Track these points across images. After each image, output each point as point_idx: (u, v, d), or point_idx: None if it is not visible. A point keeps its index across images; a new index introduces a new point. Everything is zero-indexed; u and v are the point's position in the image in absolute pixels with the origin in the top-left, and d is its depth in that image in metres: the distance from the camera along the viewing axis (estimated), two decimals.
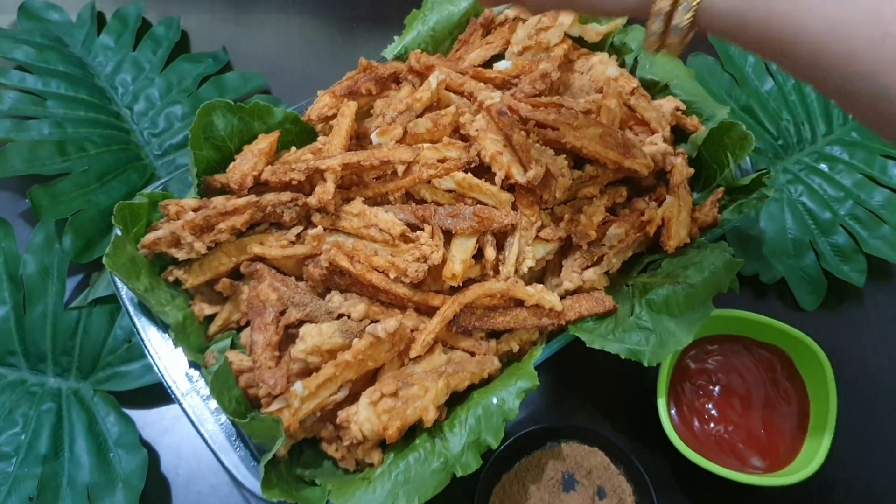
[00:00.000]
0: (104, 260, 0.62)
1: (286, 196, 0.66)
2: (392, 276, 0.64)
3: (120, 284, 0.66)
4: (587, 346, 0.63)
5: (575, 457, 0.69)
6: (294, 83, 0.93)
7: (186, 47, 0.96)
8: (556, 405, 0.75)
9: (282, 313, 0.64)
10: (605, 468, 0.68)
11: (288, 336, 0.64)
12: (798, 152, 0.89)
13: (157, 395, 0.73)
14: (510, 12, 0.80)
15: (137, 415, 0.72)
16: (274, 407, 0.60)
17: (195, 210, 0.66)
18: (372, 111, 0.74)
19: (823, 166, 0.87)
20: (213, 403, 0.62)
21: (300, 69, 0.96)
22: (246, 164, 0.68)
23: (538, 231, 0.68)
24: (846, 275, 0.80)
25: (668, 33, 0.47)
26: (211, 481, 0.71)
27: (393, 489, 0.58)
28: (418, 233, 0.66)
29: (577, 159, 0.70)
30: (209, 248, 0.66)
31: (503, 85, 0.75)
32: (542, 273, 0.71)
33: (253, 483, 0.59)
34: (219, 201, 0.66)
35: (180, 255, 0.66)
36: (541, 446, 0.70)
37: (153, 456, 0.72)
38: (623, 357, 0.61)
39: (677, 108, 0.75)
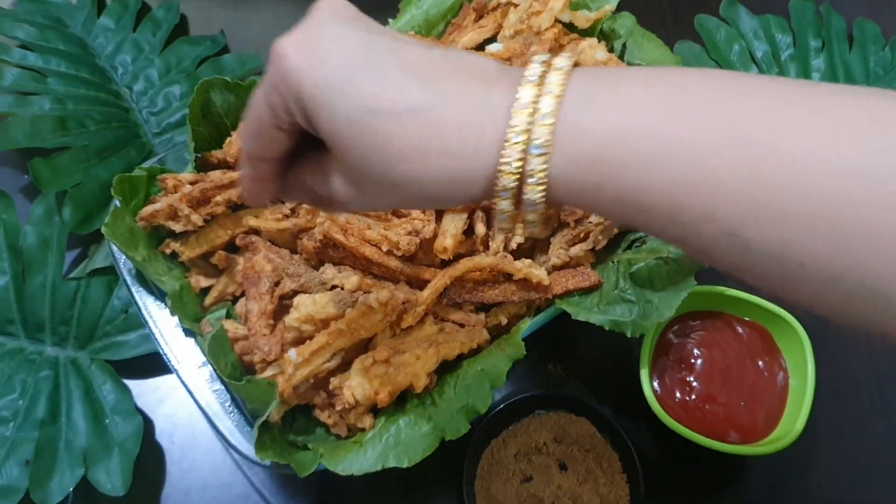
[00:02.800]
0: (103, 229, 0.63)
1: None
2: (384, 248, 0.65)
3: (118, 254, 0.67)
4: (573, 318, 0.64)
5: (562, 425, 0.71)
6: None
7: (185, 30, 0.98)
8: (543, 379, 0.77)
9: (276, 284, 0.66)
10: (591, 436, 0.70)
11: (282, 307, 0.66)
12: None
13: (154, 365, 0.74)
14: None
15: (134, 384, 0.74)
16: (268, 373, 0.62)
17: (192, 184, 0.68)
18: None
19: None
20: (208, 371, 0.64)
21: None
22: None
23: None
24: None
25: (522, 210, 0.40)
26: (205, 448, 0.72)
27: (384, 451, 0.59)
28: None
29: None
30: (205, 221, 0.68)
31: None
32: (531, 250, 0.72)
33: (247, 447, 0.60)
34: (215, 175, 0.68)
35: (177, 227, 0.67)
36: (529, 414, 0.72)
37: (149, 424, 0.73)
38: (607, 328, 0.63)
39: None
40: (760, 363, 0.72)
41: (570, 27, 0.82)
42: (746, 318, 0.74)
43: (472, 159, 0.37)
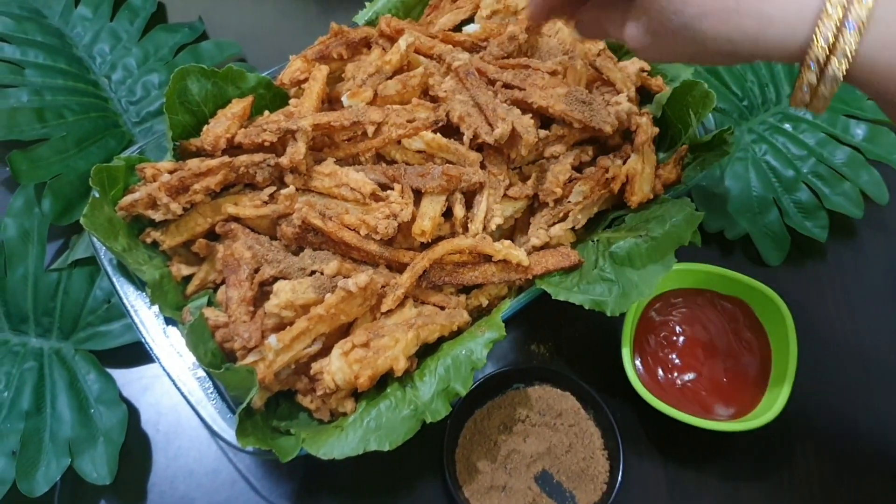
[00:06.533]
0: (82, 220, 0.63)
1: (258, 157, 0.68)
2: (363, 233, 0.65)
3: (99, 245, 0.67)
4: (553, 298, 0.65)
5: (547, 399, 0.71)
6: (268, 52, 0.94)
7: (163, 18, 0.97)
8: (527, 359, 0.77)
9: (256, 270, 0.66)
10: (575, 412, 0.71)
11: (262, 293, 0.66)
12: (763, 113, 0.91)
13: (137, 354, 0.75)
14: None
15: (118, 374, 0.74)
16: (249, 360, 0.62)
17: (171, 172, 0.67)
18: (343, 75, 0.76)
19: (787, 126, 0.88)
20: (191, 359, 0.64)
21: (274, 38, 0.97)
22: (219, 127, 0.69)
23: (506, 189, 0.70)
24: (809, 230, 0.82)
25: (821, 84, 0.41)
26: (190, 435, 0.73)
27: (365, 435, 0.59)
28: (388, 192, 0.67)
29: (545, 119, 0.71)
30: (185, 210, 0.67)
31: (472, 48, 0.76)
32: (512, 231, 0.72)
33: (230, 434, 0.60)
34: (193, 163, 0.68)
35: (157, 216, 0.67)
36: (514, 387, 0.72)
37: (134, 413, 0.74)
38: (587, 308, 0.63)
39: (642, 70, 0.77)
40: (743, 339, 0.72)
41: None
42: (728, 295, 0.74)
43: (780, 24, 0.39)
